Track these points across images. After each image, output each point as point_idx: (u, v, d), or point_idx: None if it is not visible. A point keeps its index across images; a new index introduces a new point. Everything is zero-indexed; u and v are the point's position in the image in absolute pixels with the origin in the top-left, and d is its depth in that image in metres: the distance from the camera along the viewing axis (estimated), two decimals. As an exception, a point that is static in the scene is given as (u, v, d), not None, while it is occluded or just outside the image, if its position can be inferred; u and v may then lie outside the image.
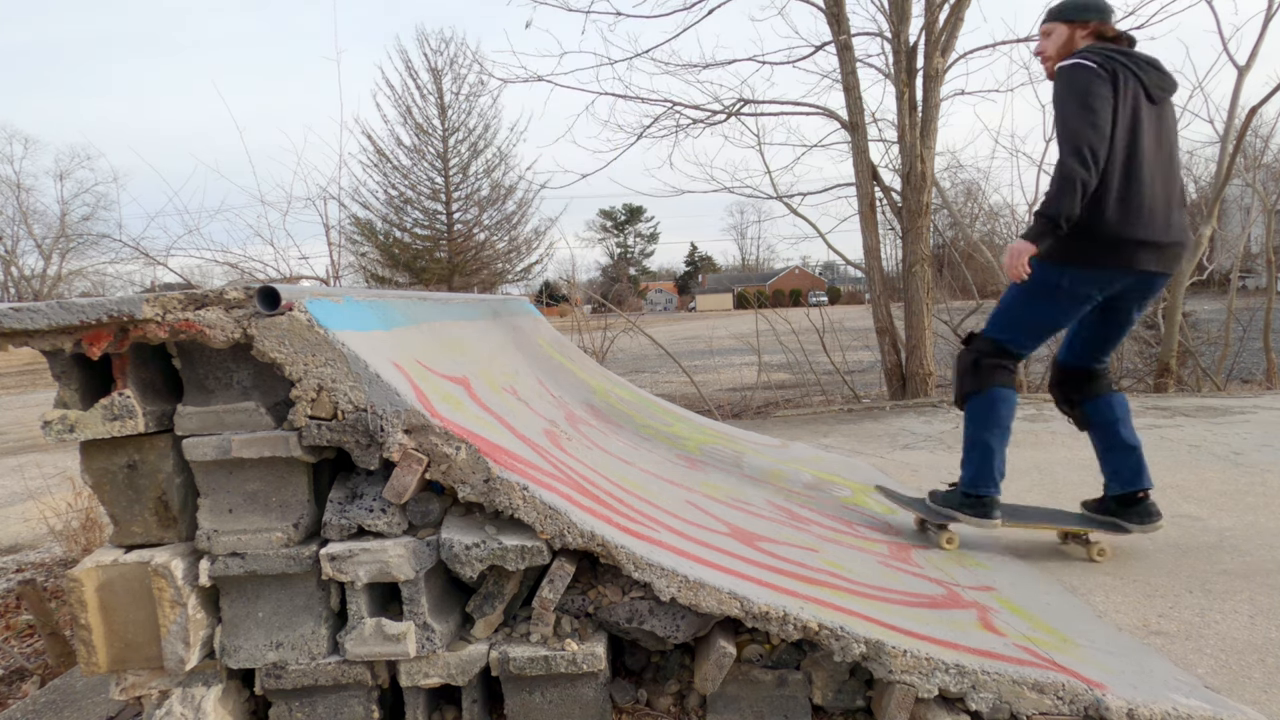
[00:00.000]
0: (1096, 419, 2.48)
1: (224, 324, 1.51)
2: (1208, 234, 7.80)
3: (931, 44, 6.83)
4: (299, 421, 1.53)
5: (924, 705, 1.47)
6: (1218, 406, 5.45)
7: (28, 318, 1.46)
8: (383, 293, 2.10)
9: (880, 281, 7.50)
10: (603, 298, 10.07)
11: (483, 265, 22.86)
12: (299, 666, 1.56)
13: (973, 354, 2.40)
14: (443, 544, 1.56)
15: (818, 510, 2.51)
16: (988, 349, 2.38)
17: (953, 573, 2.14)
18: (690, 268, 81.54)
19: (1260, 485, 3.26)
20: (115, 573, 1.52)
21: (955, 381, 2.45)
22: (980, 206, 12.10)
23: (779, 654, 1.60)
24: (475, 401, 1.88)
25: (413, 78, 22.47)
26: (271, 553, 1.53)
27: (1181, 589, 2.20)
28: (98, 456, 1.56)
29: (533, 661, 1.54)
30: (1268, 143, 11.94)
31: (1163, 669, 1.66)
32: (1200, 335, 9.16)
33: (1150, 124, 2.20)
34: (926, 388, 7.06)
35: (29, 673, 2.38)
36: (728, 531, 1.95)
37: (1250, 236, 11.42)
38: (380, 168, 22.48)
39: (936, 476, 3.76)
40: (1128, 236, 2.16)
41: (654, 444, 2.70)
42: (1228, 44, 7.38)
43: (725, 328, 18.81)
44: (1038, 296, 2.30)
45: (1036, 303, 2.32)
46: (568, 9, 7.31)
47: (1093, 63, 2.16)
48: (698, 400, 7.24)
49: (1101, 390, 2.48)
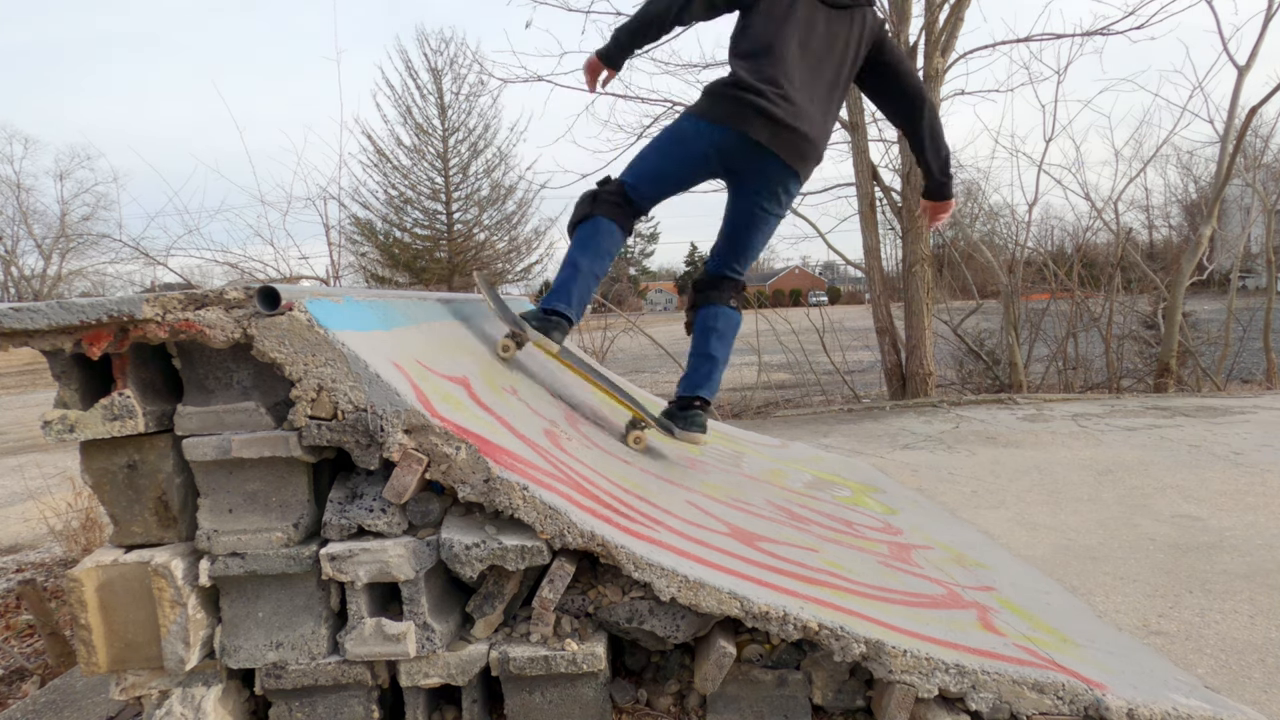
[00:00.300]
0: (698, 323, 2.48)
1: (224, 324, 1.51)
2: (1208, 234, 7.80)
3: (931, 44, 6.83)
4: (299, 421, 1.53)
5: (924, 705, 1.48)
6: (1218, 406, 5.45)
7: (28, 318, 1.46)
8: (383, 293, 2.10)
9: (880, 281, 7.51)
10: (602, 298, 10.07)
11: (483, 265, 22.84)
12: (299, 666, 1.56)
13: (595, 190, 2.41)
14: (443, 544, 1.56)
15: (818, 510, 2.51)
16: (610, 187, 2.38)
17: (953, 573, 2.14)
18: (690, 268, 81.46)
19: (1260, 485, 3.26)
20: (115, 573, 1.52)
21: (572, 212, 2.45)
22: (980, 206, 12.10)
23: (779, 654, 1.61)
24: (475, 401, 1.88)
25: (413, 77, 22.47)
26: (271, 553, 1.53)
27: (1181, 589, 2.21)
28: (98, 456, 1.56)
29: (533, 661, 1.54)
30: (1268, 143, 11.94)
31: (1163, 669, 1.66)
32: (1200, 335, 9.16)
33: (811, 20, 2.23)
34: (926, 388, 7.06)
35: (29, 673, 2.38)
36: (728, 531, 1.95)
37: (1250, 236, 11.43)
38: (380, 168, 22.48)
39: (936, 476, 3.76)
40: (747, 100, 2.15)
41: (654, 444, 2.70)
42: (1228, 44, 7.38)
43: (725, 328, 18.77)
44: (665, 144, 2.34)
45: (663, 151, 2.34)
46: (568, 9, 7.31)
47: None
48: (698, 400, 7.22)
49: (717, 300, 2.47)
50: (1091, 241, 9.79)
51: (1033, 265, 9.24)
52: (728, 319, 2.46)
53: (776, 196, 2.31)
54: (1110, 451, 4.13)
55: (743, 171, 2.28)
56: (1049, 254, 10.00)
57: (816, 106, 2.23)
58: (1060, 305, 8.65)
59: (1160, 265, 10.25)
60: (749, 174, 2.28)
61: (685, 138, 2.29)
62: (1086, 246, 9.56)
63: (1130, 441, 4.38)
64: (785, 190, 2.30)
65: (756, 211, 2.35)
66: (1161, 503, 3.10)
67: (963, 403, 6.34)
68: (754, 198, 2.32)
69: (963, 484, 3.59)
